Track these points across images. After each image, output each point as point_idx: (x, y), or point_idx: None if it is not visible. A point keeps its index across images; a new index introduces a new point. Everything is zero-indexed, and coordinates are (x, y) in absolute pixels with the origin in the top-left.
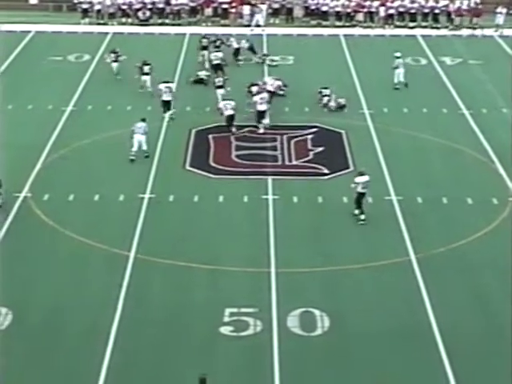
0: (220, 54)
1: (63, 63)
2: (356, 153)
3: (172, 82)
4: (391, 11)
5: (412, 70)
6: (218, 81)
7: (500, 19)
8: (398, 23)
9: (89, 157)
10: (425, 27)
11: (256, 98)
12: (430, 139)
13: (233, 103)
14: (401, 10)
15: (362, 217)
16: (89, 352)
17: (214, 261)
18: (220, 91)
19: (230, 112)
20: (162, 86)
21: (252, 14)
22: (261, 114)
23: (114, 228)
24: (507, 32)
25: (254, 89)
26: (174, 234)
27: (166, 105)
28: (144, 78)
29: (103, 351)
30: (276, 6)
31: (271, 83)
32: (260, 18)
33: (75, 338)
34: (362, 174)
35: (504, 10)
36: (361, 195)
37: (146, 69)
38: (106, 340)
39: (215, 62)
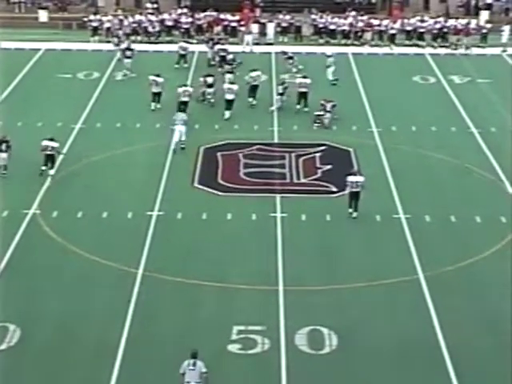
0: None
1: (73, 81)
2: (364, 171)
3: (160, 76)
4: (393, 31)
5: (420, 89)
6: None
7: (504, 37)
8: (406, 42)
9: (98, 174)
10: (432, 46)
11: (180, 90)
12: (438, 157)
13: (191, 90)
14: (408, 28)
15: (354, 214)
16: (97, 369)
17: (222, 278)
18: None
19: (185, 99)
20: (150, 78)
21: (261, 33)
22: (183, 104)
23: (122, 245)
24: None
25: (210, 79)
26: (182, 252)
27: (155, 96)
28: (126, 60)
29: (111, 369)
30: (285, 24)
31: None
32: (250, 38)
33: (83, 355)
34: (352, 174)
35: (508, 27)
36: (352, 194)
37: (129, 53)
38: (114, 357)
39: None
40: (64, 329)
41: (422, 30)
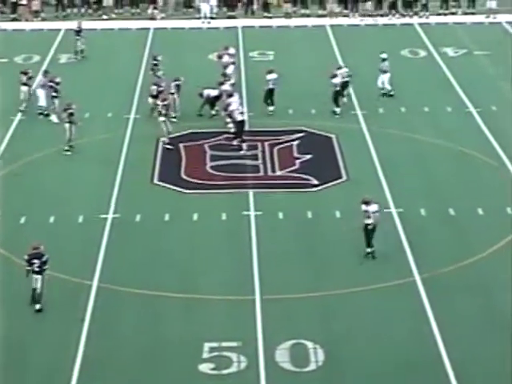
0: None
1: (9, 65)
2: (349, 160)
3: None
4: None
5: (409, 64)
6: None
7: (493, 3)
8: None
9: (42, 173)
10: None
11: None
12: (432, 142)
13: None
14: None
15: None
16: None
17: (190, 289)
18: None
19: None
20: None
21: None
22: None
23: (73, 254)
24: (502, 17)
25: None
26: (142, 260)
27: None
28: (78, 41)
29: None
30: None
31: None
32: (207, 7)
33: (33, 381)
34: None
35: None
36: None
37: (80, 42)
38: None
39: None
40: (12, 352)
41: None
